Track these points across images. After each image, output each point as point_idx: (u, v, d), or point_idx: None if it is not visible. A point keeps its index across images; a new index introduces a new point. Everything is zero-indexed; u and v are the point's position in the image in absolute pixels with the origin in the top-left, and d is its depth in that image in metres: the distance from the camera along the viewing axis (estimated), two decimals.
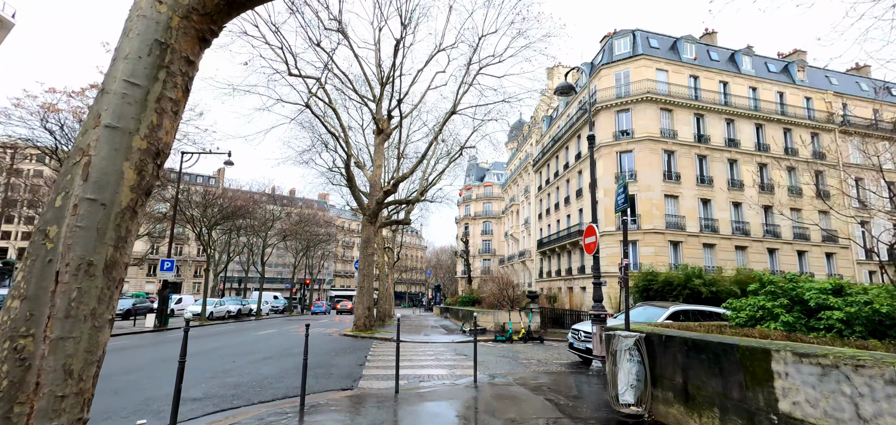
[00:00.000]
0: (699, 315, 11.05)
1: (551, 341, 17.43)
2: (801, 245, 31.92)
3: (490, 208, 79.52)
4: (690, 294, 22.47)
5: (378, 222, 20.89)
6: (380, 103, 20.66)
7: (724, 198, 31.17)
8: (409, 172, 19.52)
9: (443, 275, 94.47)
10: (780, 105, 33.79)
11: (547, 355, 13.10)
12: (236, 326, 25.19)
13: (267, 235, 41.14)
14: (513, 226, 57.52)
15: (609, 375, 5.83)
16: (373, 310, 20.13)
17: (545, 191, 44.79)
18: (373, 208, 20.00)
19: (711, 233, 30.34)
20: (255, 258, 42.58)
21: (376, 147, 20.70)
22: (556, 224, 40.93)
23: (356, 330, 19.28)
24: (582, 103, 36.76)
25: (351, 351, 12.71)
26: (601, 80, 33.23)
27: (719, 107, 31.94)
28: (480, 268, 73.81)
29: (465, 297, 42.64)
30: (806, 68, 35.91)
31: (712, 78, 32.90)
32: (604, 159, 31.87)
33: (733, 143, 32.13)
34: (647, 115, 30.72)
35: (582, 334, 10.95)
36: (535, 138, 51.17)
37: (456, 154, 20.47)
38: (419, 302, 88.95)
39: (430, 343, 16.58)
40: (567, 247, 36.76)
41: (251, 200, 42.95)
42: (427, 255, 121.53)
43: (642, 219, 29.77)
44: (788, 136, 33.60)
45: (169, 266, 24.04)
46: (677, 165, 30.71)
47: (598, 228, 9.54)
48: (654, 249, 29.13)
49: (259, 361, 10.07)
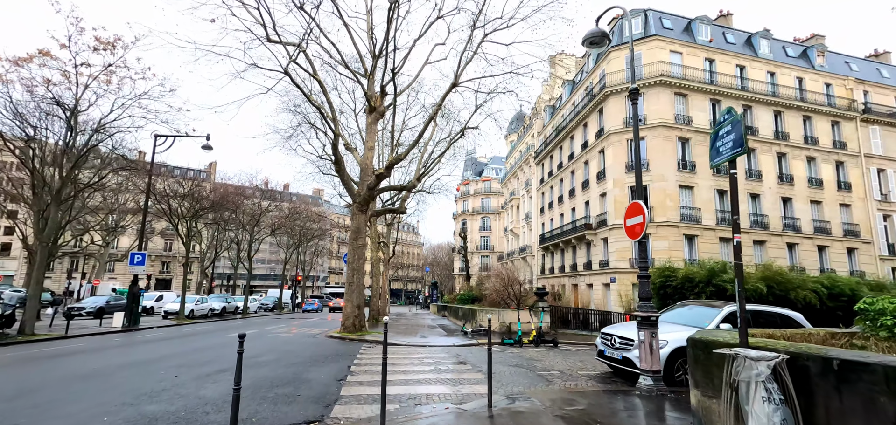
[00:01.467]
0: (761, 318, 8.99)
1: (566, 344, 15.36)
2: (821, 239, 29.99)
3: (488, 204, 77.45)
4: (715, 291, 20.43)
5: (369, 211, 18.74)
6: (372, 78, 18.48)
7: (742, 189, 29.13)
8: (405, 154, 17.36)
9: (440, 272, 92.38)
10: (799, 91, 31.82)
11: (568, 363, 11.01)
12: (215, 326, 22.99)
13: (254, 229, 38.88)
14: (513, 221, 55.48)
15: (721, 419, 3.69)
16: (364, 309, 18.00)
17: (548, 183, 42.72)
18: (364, 194, 17.84)
19: (728, 226, 28.31)
20: (243, 253, 40.32)
21: (368, 126, 18.53)
22: (560, 218, 38.88)
23: (344, 331, 17.14)
24: (588, 89, 34.69)
25: (333, 359, 10.58)
26: (610, 62, 31.13)
27: (736, 93, 29.92)
28: (478, 264, 71.79)
29: (464, 295, 40.55)
30: (826, 53, 33.95)
31: (729, 61, 30.87)
32: (613, 147, 29.81)
33: (751, 131, 30.11)
34: (660, 100, 28.65)
35: (617, 340, 8.86)
36: (536, 129, 49.10)
37: (457, 135, 18.33)
38: (416, 299, 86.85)
39: (427, 347, 14.47)
40: (572, 242, 34.71)
41: (237, 192, 40.69)
42: (424, 252, 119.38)
43: (655, 211, 27.74)
44: (808, 124, 31.64)
45: (139, 260, 21.86)
46: (692, 154, 28.68)
47: (646, 207, 7.43)
48: (668, 243, 27.12)
49: (209, 376, 7.92)
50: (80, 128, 18.46)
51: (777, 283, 20.61)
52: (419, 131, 16.81)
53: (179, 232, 27.67)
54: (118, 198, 36.04)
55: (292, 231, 46.89)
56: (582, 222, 33.26)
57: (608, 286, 29.64)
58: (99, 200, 32.66)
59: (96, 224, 33.82)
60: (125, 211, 43.02)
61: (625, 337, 8.70)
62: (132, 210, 39.65)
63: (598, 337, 9.86)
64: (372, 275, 29.54)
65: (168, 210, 27.38)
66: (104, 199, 33.10)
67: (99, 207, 33.23)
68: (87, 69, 17.00)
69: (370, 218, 19.42)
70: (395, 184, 21.67)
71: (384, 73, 17.82)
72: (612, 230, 29.21)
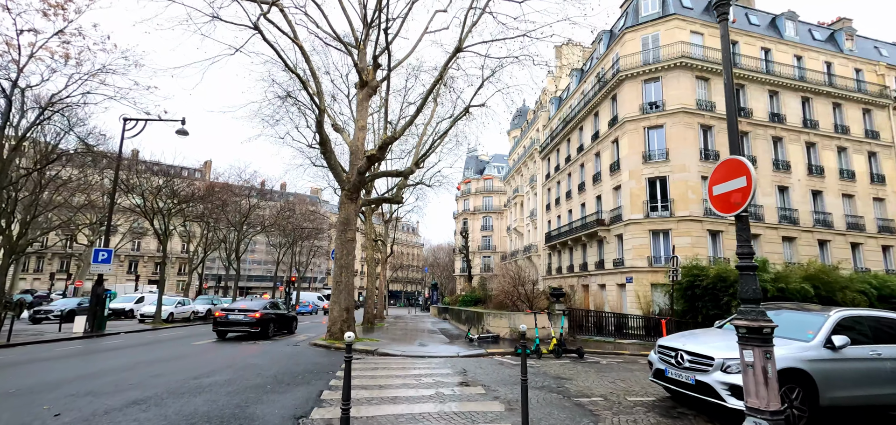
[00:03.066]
0: (884, 329, 6.62)
1: (593, 354, 12.96)
2: (855, 236, 27.63)
3: (490, 202, 75.15)
4: None
5: (360, 199, 16.37)
6: (363, 48, 16.15)
7: (769, 181, 26.84)
8: (401, 131, 14.98)
9: (440, 273, 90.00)
10: (827, 76, 29.50)
11: (608, 384, 8.63)
12: (190, 332, 20.63)
13: (243, 227, 36.53)
14: (516, 220, 53.12)
15: None
16: (353, 312, 15.63)
17: (554, 178, 40.38)
18: (353, 180, 15.49)
19: (755, 221, 25.98)
20: (231, 252, 37.96)
21: (359, 103, 16.19)
22: (568, 214, 36.54)
23: (330, 338, 14.76)
24: (599, 76, 32.35)
25: (303, 379, 8.21)
26: (625, 45, 28.80)
27: (761, 76, 27.60)
28: (480, 265, 69.48)
29: (466, 296, 38.15)
30: (854, 37, 31.63)
31: (753, 44, 28.55)
32: (629, 136, 27.47)
33: (778, 119, 27.80)
34: (680, 84, 26.32)
35: (684, 357, 6.48)
36: (541, 122, 46.78)
37: (461, 113, 15.97)
38: (415, 301, 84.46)
39: (426, 358, 12.10)
40: (582, 240, 32.35)
41: (224, 188, 38.35)
42: (424, 253, 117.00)
43: (676, 205, 25.40)
44: (838, 112, 29.32)
45: (104, 257, 19.53)
46: (715, 143, 26.34)
47: (750, 165, 5.10)
48: (690, 240, 24.75)
49: (109, 412, 5.54)
50: (28, 105, 16.16)
51: (823, 283, 18.24)
52: (418, 105, 14.43)
53: (156, 228, 25.29)
54: (103, 196, 33.74)
55: (285, 229, 44.55)
56: (593, 218, 30.90)
57: (623, 287, 27.28)
58: (80, 198, 30.34)
59: (64, 221, 31.34)
60: (95, 208, 40.71)
61: (698, 353, 6.33)
62: (120, 209, 37.33)
63: (651, 352, 7.49)
64: (368, 276, 27.18)
65: (143, 205, 25.00)
66: (87, 198, 30.74)
67: (74, 205, 30.86)
68: (33, 36, 14.70)
69: (362, 207, 17.08)
70: (389, 170, 19.29)
71: (377, 42, 15.49)
72: (628, 226, 26.85)
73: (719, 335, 7.13)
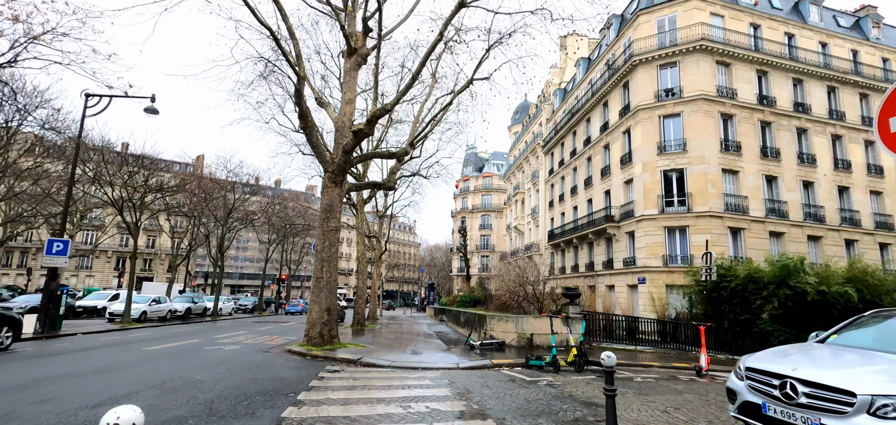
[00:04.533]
0: None
1: (624, 368, 10.84)
2: (883, 235, 25.68)
3: (489, 201, 73.08)
4: (791, 295, 16.03)
5: (346, 184, 14.23)
6: (352, 10, 14.04)
7: (793, 175, 24.85)
8: (394, 103, 12.83)
9: (437, 273, 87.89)
10: (853, 64, 27.54)
11: (663, 417, 6.52)
12: (160, 333, 18.47)
13: (228, 220, 34.31)
14: (517, 218, 51.06)
15: None
16: (336, 313, 13.50)
17: (558, 173, 38.32)
18: (338, 160, 13.37)
19: (779, 218, 23.98)
20: (217, 248, 35.72)
21: (346, 73, 14.09)
22: (573, 211, 34.48)
23: (308, 343, 12.63)
24: (609, 63, 30.32)
25: (249, 408, 6.08)
26: (638, 28, 26.76)
27: (785, 63, 25.60)
28: (478, 265, 67.40)
29: (464, 297, 36.10)
30: (881, 25, 29.71)
31: (776, 28, 26.55)
32: (642, 125, 25.43)
33: (802, 109, 25.81)
34: (700, 69, 24.29)
35: (799, 389, 4.38)
36: (544, 116, 44.73)
37: (464, 86, 13.86)
38: (411, 302, 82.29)
39: (419, 370, 9.99)
40: (589, 237, 30.29)
41: (208, 180, 36.14)
42: (421, 253, 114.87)
43: (694, 199, 23.37)
44: (865, 104, 27.37)
45: (59, 249, 17.34)
46: (736, 133, 24.33)
47: None
48: (710, 237, 22.63)
49: None
50: None
51: (867, 286, 16.17)
52: (415, 70, 12.31)
53: (125, 219, 23.06)
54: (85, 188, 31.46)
55: (274, 224, 42.32)
56: (601, 214, 28.85)
57: (635, 288, 25.23)
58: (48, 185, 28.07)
59: (29, 212, 29.07)
60: (93, 202, 38.47)
61: (826, 385, 4.23)
62: (100, 203, 34.98)
63: (732, 376, 5.42)
64: (359, 274, 25.05)
65: (111, 194, 22.76)
66: (57, 187, 28.44)
67: (46, 193, 28.54)
68: None
69: (349, 192, 14.94)
70: (381, 151, 17.14)
71: (367, 2, 13.39)
72: (641, 222, 24.81)
73: (844, 356, 5.04)
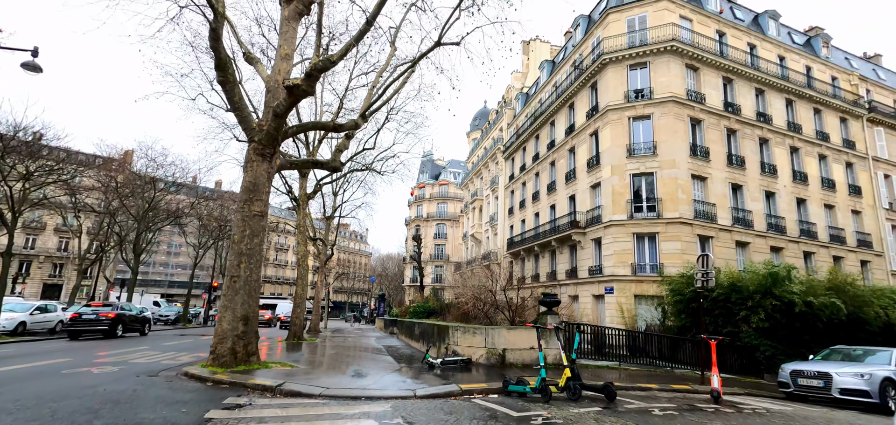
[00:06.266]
0: None
1: (623, 391, 8.59)
2: (837, 249, 25.89)
3: (445, 209, 70.84)
4: (778, 306, 14.72)
5: (277, 158, 11.22)
6: None
7: (757, 185, 24.47)
8: (341, 54, 10.05)
9: (389, 283, 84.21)
10: (808, 79, 28.00)
11: None
12: (17, 350, 14.29)
13: (145, 217, 29.56)
14: (474, 225, 49.08)
15: None
16: (256, 324, 10.38)
17: (519, 179, 36.74)
18: (267, 126, 10.42)
19: (744, 227, 23.38)
20: (127, 248, 30.73)
21: (283, 23, 11.21)
22: (535, 218, 32.87)
23: (214, 364, 9.45)
24: (576, 63, 29.13)
25: None
26: (608, 27, 25.67)
27: (749, 72, 25.40)
28: (432, 275, 64.72)
29: (418, 306, 33.29)
30: (830, 45, 30.68)
31: (740, 37, 26.42)
32: (612, 126, 24.15)
33: (764, 118, 25.67)
34: (670, 71, 23.40)
35: None
36: (505, 121, 43.27)
37: (430, 48, 11.38)
38: (361, 313, 77.98)
39: (362, 401, 7.23)
40: (552, 245, 28.62)
41: (131, 173, 31.27)
42: (372, 263, 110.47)
43: (664, 205, 22.20)
44: (818, 118, 27.83)
45: None
46: (705, 138, 23.60)
47: None
48: (680, 245, 21.58)
49: None
50: None
51: (849, 298, 15.21)
52: (371, 14, 9.65)
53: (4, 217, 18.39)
54: None
55: (206, 225, 37.53)
56: (566, 220, 27.30)
57: (601, 298, 23.67)
58: None
59: None
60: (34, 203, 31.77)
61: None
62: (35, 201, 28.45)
63: None
64: (299, 278, 21.63)
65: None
66: None
67: None
68: None
69: (280, 170, 11.88)
70: (324, 122, 14.22)
71: None
72: (609, 228, 23.36)
73: None
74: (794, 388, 10.39)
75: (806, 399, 10.30)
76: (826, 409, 9.16)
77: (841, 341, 14.22)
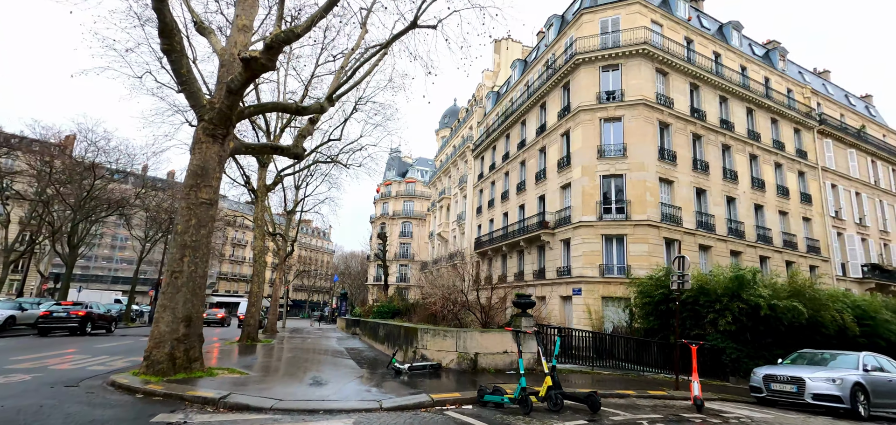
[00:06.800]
0: None
1: (608, 404, 8.05)
2: (789, 254, 26.96)
3: (411, 208, 69.76)
4: (745, 310, 14.80)
5: (231, 141, 10.05)
6: None
7: (719, 190, 25.07)
8: (307, 26, 9.02)
9: (351, 282, 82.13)
10: (766, 89, 29.08)
11: None
12: None
13: (83, 206, 26.97)
14: (441, 224, 48.40)
15: None
16: (200, 326, 9.21)
17: (488, 178, 36.35)
18: (220, 103, 9.28)
19: (707, 231, 23.87)
20: (62, 240, 27.97)
21: None
22: (504, 218, 32.54)
23: (147, 371, 8.23)
24: (548, 63, 28.99)
25: None
26: (581, 27, 25.60)
27: (714, 80, 26.02)
28: (397, 274, 63.55)
29: (382, 306, 32.21)
30: (786, 58, 32.07)
31: (707, 45, 27.04)
32: (583, 127, 24.06)
33: (727, 126, 26.37)
34: (641, 74, 23.54)
35: None
36: (476, 119, 42.83)
37: (406, 28, 10.50)
38: (322, 313, 75.63)
39: (321, 416, 6.32)
40: (520, 245, 28.34)
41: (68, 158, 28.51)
42: (335, 261, 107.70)
43: (632, 207, 22.29)
44: (775, 128, 28.93)
45: None
46: (672, 143, 23.91)
47: None
48: (647, 247, 21.70)
49: None
50: None
51: (808, 301, 15.53)
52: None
53: None
54: None
55: (154, 217, 34.84)
56: (535, 221, 27.06)
57: (569, 299, 23.52)
58: None
59: None
60: None
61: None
62: None
63: None
64: (255, 275, 20.15)
65: None
66: None
67: None
68: None
69: (233, 154, 10.65)
70: (286, 103, 13.03)
71: None
72: (578, 229, 23.24)
73: None
74: (766, 393, 10.27)
75: (778, 404, 10.20)
76: (803, 416, 9.03)
77: (800, 344, 14.49)
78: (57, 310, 19.83)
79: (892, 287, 29.68)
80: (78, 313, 19.77)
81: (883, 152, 34.42)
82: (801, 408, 9.78)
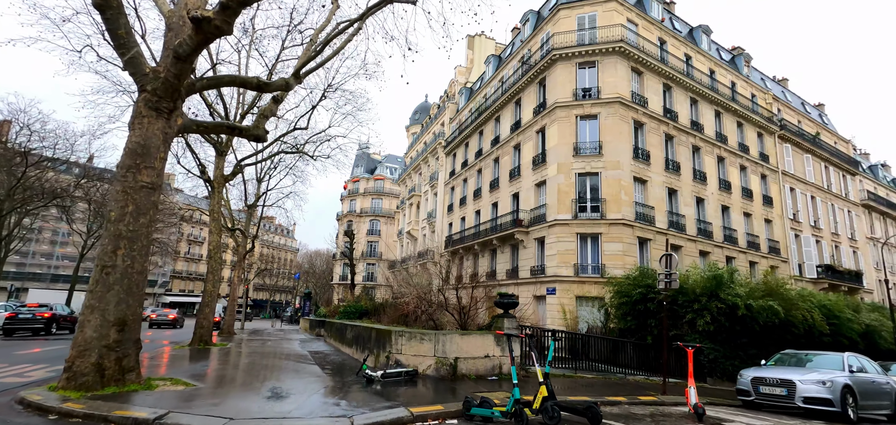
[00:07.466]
0: None
1: (607, 416, 7.36)
2: (753, 254, 27.66)
3: (379, 205, 68.17)
4: (723, 310, 14.62)
5: (179, 117, 8.71)
6: None
7: (690, 191, 25.32)
8: None
9: (316, 281, 79.55)
10: (732, 93, 29.78)
11: None
12: None
13: (12, 195, 24.17)
14: (411, 222, 47.28)
15: None
16: (136, 330, 7.85)
17: (460, 175, 35.60)
18: (166, 71, 7.96)
19: (678, 231, 24.00)
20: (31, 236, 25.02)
21: None
22: (476, 216, 31.87)
23: (68, 385, 6.85)
24: (524, 59, 28.52)
25: None
26: (558, 23, 25.23)
27: (685, 81, 26.30)
28: (363, 274, 61.85)
29: (349, 306, 30.71)
30: (750, 64, 33.04)
31: (678, 47, 27.32)
32: (559, 124, 23.67)
33: (697, 127, 26.73)
34: (618, 72, 23.38)
35: None
36: (448, 116, 42.00)
37: (379, 2, 9.49)
38: (284, 313, 72.73)
39: None
40: (493, 244, 27.71)
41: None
42: (299, 259, 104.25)
43: (607, 206, 22.05)
44: (740, 131, 29.67)
45: None
46: (646, 142, 23.90)
47: None
48: (622, 247, 21.52)
49: None
50: None
51: (781, 299, 15.57)
52: None
53: None
54: None
55: (98, 210, 31.98)
56: (508, 219, 26.51)
57: (543, 299, 23.04)
58: None
59: None
60: None
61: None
62: None
63: None
64: (209, 272, 18.47)
65: None
66: None
67: None
68: None
69: (180, 133, 9.25)
70: (246, 77, 11.66)
71: None
72: (553, 227, 22.81)
73: None
74: (755, 396, 9.92)
75: (766, 407, 9.88)
76: (796, 421, 8.67)
77: (773, 344, 14.49)
78: (23, 311, 20.39)
79: (843, 287, 31.12)
80: (43, 315, 20.16)
81: (834, 158, 36.17)
82: (791, 413, 9.48)
